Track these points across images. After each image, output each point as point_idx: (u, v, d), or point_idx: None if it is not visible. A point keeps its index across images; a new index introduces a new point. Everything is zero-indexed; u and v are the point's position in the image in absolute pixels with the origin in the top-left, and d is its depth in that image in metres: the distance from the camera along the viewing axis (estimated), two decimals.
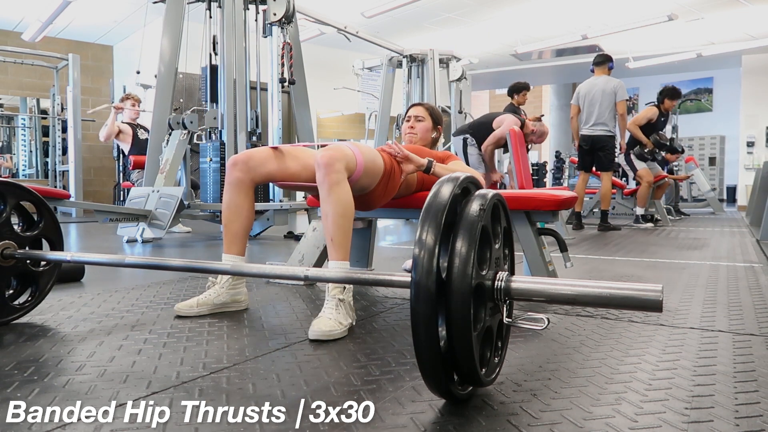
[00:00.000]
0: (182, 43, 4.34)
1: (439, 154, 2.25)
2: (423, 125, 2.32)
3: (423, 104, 2.39)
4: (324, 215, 1.67)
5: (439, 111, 2.41)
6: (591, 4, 8.04)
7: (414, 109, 2.37)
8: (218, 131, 4.51)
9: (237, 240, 1.86)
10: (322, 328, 1.52)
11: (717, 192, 11.38)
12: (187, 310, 1.80)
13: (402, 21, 8.68)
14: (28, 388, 1.14)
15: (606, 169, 5.41)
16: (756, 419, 1.00)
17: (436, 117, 2.36)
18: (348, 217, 1.66)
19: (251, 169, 1.86)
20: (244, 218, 1.87)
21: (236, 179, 1.86)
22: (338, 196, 1.65)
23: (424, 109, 2.35)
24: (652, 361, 1.33)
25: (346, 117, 10.80)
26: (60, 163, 8.39)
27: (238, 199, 1.86)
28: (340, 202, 1.65)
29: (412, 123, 2.33)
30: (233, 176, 1.86)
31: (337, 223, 1.64)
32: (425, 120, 2.32)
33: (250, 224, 1.89)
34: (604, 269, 2.89)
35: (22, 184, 1.69)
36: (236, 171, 1.86)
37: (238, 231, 1.86)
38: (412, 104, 2.44)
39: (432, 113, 2.35)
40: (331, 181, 1.65)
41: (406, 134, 2.35)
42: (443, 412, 1.03)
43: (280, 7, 4.23)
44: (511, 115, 4.71)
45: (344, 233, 1.65)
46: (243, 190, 1.86)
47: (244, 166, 1.86)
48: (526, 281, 1.03)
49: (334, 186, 1.65)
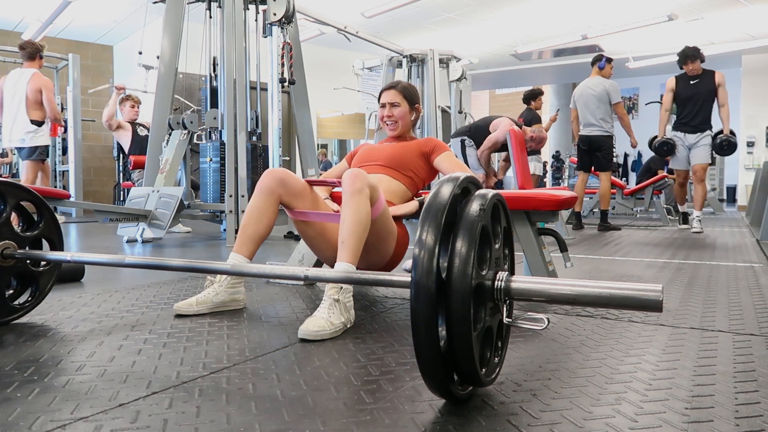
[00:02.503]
0: (182, 43, 4.34)
1: (422, 143, 2.20)
2: (400, 110, 2.19)
3: (395, 87, 2.22)
4: (341, 220, 1.66)
5: (413, 89, 2.26)
6: (591, 4, 8.04)
7: (386, 93, 2.21)
8: (218, 131, 4.51)
9: (250, 243, 1.86)
10: (310, 328, 1.52)
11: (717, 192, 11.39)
12: (186, 308, 1.80)
13: (402, 21, 8.68)
14: (28, 388, 1.14)
15: (604, 169, 5.42)
16: (756, 419, 1.00)
17: (411, 97, 2.22)
18: (364, 225, 1.66)
19: (284, 188, 1.88)
20: (263, 225, 1.87)
21: (268, 188, 1.87)
22: (358, 204, 1.65)
23: (397, 92, 2.19)
24: (652, 361, 1.33)
25: (346, 117, 10.80)
26: (60, 163, 8.38)
27: (263, 206, 1.86)
28: (359, 210, 1.65)
29: (388, 111, 2.20)
30: (267, 184, 1.87)
31: (352, 228, 1.64)
32: (401, 104, 2.19)
33: (266, 232, 1.88)
34: (604, 269, 2.89)
35: (22, 184, 1.69)
36: (272, 181, 1.87)
37: (253, 234, 1.86)
38: (383, 88, 2.25)
39: (405, 94, 2.20)
40: (354, 189, 1.66)
41: (386, 124, 2.24)
42: (443, 412, 1.03)
43: (280, 7, 4.23)
44: (507, 118, 4.72)
45: (358, 239, 1.64)
46: (270, 200, 1.87)
47: (280, 182, 1.88)
48: (526, 281, 1.03)
49: (356, 194, 1.65)
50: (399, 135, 2.26)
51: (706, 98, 4.92)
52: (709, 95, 4.91)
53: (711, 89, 4.90)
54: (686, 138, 5.03)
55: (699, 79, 4.97)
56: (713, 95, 4.91)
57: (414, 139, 2.28)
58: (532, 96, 6.25)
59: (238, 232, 1.88)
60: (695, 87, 4.95)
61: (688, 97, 4.98)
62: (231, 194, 4.09)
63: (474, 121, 5.40)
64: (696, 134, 4.96)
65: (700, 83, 4.94)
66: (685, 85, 5.01)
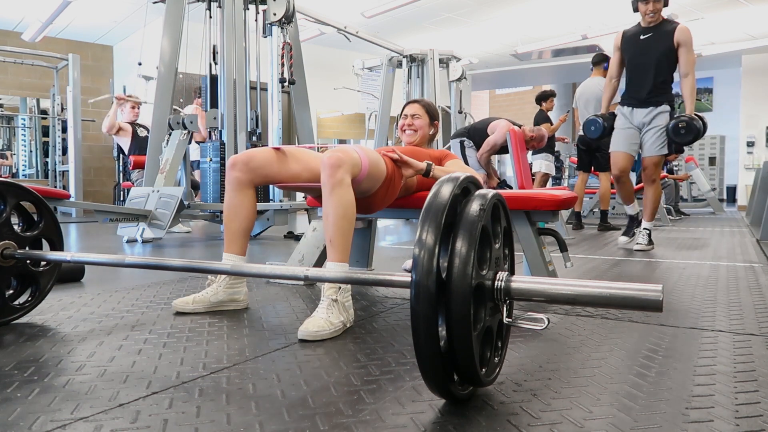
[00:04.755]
0: (182, 43, 4.34)
1: (436, 153, 2.27)
2: (420, 123, 2.32)
3: (419, 101, 2.39)
4: (325, 216, 1.67)
5: (434, 106, 2.42)
6: (591, 4, 8.04)
7: (410, 107, 2.37)
8: (218, 131, 4.51)
9: (236, 239, 1.87)
10: (310, 328, 1.52)
11: (717, 192, 11.38)
12: (183, 306, 1.81)
13: (402, 21, 8.68)
14: (28, 388, 1.14)
15: (604, 169, 5.40)
16: (756, 419, 1.00)
17: (432, 113, 2.37)
18: (348, 219, 1.66)
19: (251, 170, 1.87)
20: (243, 218, 1.87)
21: (235, 179, 1.86)
22: (340, 198, 1.65)
23: (420, 107, 2.35)
24: (652, 361, 1.33)
25: (346, 117, 10.80)
26: (60, 163, 8.39)
27: (236, 199, 1.87)
28: (341, 204, 1.65)
29: (409, 121, 2.34)
30: (232, 176, 1.86)
31: (337, 225, 1.64)
32: (422, 117, 2.33)
33: (250, 224, 1.89)
34: (604, 269, 2.89)
35: (22, 184, 1.69)
36: (236, 171, 1.86)
37: (237, 230, 1.87)
38: (407, 102, 2.43)
39: (428, 110, 2.36)
40: (334, 181, 1.65)
41: (404, 133, 2.35)
42: (443, 412, 1.03)
43: (280, 7, 4.23)
44: (504, 120, 4.72)
45: (344, 235, 1.65)
46: (242, 190, 1.87)
47: (244, 167, 1.86)
48: (526, 281, 1.03)
49: (336, 187, 1.65)
50: (416, 144, 2.33)
51: (660, 59, 3.43)
52: (664, 55, 3.43)
53: (668, 47, 3.41)
54: (633, 115, 3.56)
55: (652, 33, 3.46)
56: (672, 56, 3.42)
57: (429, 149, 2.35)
58: (543, 97, 6.35)
59: (224, 231, 1.88)
60: (646, 43, 3.48)
61: (634, 57, 3.55)
62: None
63: (473, 122, 5.39)
64: (647, 109, 3.50)
65: (653, 38, 3.45)
66: (634, 40, 3.55)
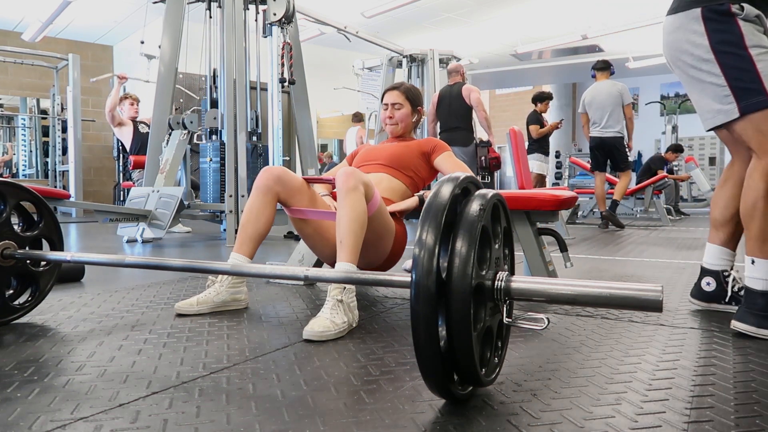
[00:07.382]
0: (182, 43, 4.34)
1: (423, 143, 2.22)
2: (401, 113, 2.23)
3: (398, 87, 2.26)
4: (338, 219, 1.66)
5: (416, 91, 2.28)
6: (591, 4, 8.04)
7: (389, 94, 2.24)
8: (218, 131, 4.51)
9: (250, 242, 1.86)
10: (315, 328, 1.52)
11: None
12: (187, 308, 1.80)
13: (402, 21, 8.68)
14: (28, 388, 1.14)
15: (624, 169, 5.58)
16: (755, 419, 1.00)
17: (413, 99, 2.25)
18: (360, 223, 1.66)
19: (282, 184, 1.88)
20: (261, 223, 1.86)
21: (265, 186, 1.86)
22: (353, 202, 1.65)
23: (400, 93, 2.23)
24: (652, 361, 1.33)
25: (346, 117, 10.78)
26: (60, 163, 8.39)
27: (261, 204, 1.86)
28: (354, 208, 1.65)
29: (390, 112, 2.23)
30: (264, 182, 1.86)
31: (349, 226, 1.64)
32: (404, 106, 2.22)
33: (265, 231, 1.88)
34: (604, 269, 2.89)
35: (22, 184, 1.69)
36: (269, 179, 1.87)
37: (252, 234, 1.86)
38: (386, 89, 2.27)
39: (409, 96, 2.23)
40: (348, 187, 1.66)
41: (387, 125, 2.26)
42: (443, 412, 1.03)
43: (280, 7, 4.23)
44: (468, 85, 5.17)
45: (355, 236, 1.64)
46: (268, 198, 1.87)
47: (277, 180, 1.87)
48: (526, 281, 1.03)
49: (351, 192, 1.66)
50: (400, 135, 2.28)
51: None
52: None
53: None
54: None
55: None
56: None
57: (414, 139, 2.29)
58: (540, 98, 6.46)
59: (238, 232, 1.88)
60: None
61: None
62: (231, 194, 4.09)
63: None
64: None
65: None
66: None
